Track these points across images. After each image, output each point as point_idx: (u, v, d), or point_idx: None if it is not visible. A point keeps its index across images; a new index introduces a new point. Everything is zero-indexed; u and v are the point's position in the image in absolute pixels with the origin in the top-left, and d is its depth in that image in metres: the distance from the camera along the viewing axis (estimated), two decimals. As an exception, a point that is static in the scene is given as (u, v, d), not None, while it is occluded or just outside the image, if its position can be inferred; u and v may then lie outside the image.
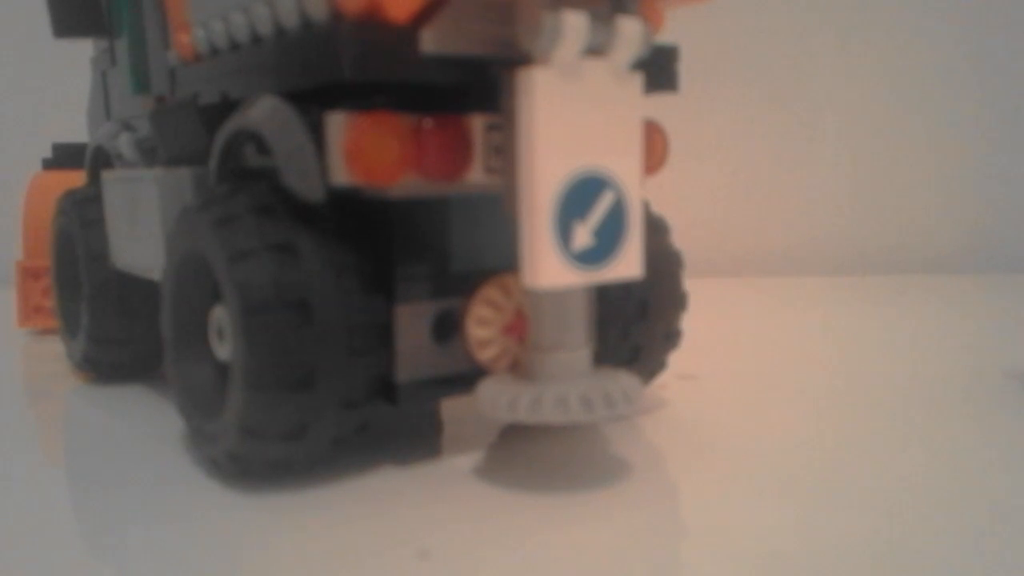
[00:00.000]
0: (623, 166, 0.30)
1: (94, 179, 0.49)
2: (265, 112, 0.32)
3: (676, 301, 0.40)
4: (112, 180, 0.44)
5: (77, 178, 0.54)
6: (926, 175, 0.96)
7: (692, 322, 0.42)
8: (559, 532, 0.28)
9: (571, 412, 0.30)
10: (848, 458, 0.35)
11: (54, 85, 0.84)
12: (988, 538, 0.27)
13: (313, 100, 0.31)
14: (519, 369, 0.32)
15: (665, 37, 0.34)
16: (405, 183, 0.30)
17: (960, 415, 0.40)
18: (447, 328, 0.33)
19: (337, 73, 0.28)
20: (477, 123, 0.30)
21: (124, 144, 0.45)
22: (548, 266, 0.28)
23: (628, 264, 0.30)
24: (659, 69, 0.34)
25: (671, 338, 0.40)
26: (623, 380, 0.32)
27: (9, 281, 0.67)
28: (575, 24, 0.27)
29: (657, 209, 0.41)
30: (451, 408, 0.40)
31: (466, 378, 0.33)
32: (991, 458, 0.35)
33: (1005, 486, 0.31)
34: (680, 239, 0.42)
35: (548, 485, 0.32)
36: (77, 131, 0.59)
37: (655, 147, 0.35)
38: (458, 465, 0.34)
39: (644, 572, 0.26)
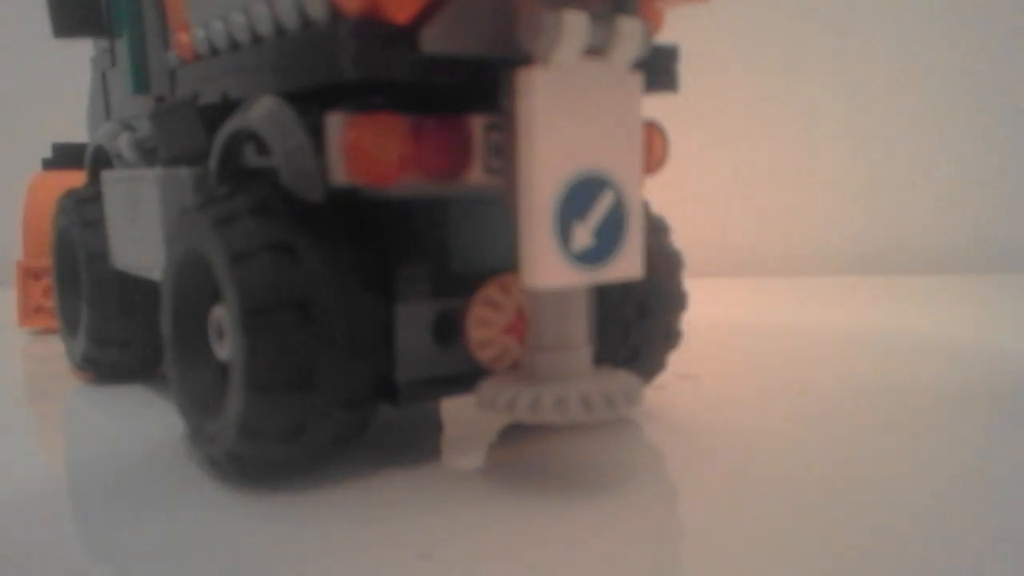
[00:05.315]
0: (623, 166, 0.30)
1: (94, 179, 0.49)
2: (265, 112, 0.32)
3: (676, 301, 0.40)
4: (112, 180, 0.44)
5: (77, 178, 0.54)
6: (927, 175, 0.96)
7: (692, 322, 0.42)
8: (559, 532, 0.28)
9: (571, 412, 0.30)
10: (848, 458, 0.35)
11: (54, 85, 0.84)
12: (989, 539, 0.27)
13: (313, 100, 0.31)
14: (519, 369, 0.32)
15: (665, 37, 0.34)
16: (405, 183, 0.30)
17: (961, 415, 0.40)
18: (447, 328, 0.33)
19: (337, 73, 0.28)
20: (477, 123, 0.30)
21: (124, 144, 0.45)
22: (548, 266, 0.28)
23: (628, 264, 0.30)
24: (659, 69, 0.34)
25: (671, 338, 0.40)
26: (623, 380, 0.32)
27: (9, 281, 0.67)
28: (575, 24, 0.27)
29: (657, 209, 0.41)
30: (451, 408, 0.40)
31: (466, 378, 0.33)
32: (993, 458, 0.35)
33: (1007, 487, 0.31)
34: (680, 239, 0.42)
35: (548, 485, 0.32)
36: (77, 131, 0.59)
37: (655, 147, 0.35)
38: (458, 466, 0.34)
39: (644, 572, 0.26)
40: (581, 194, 0.29)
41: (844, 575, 0.25)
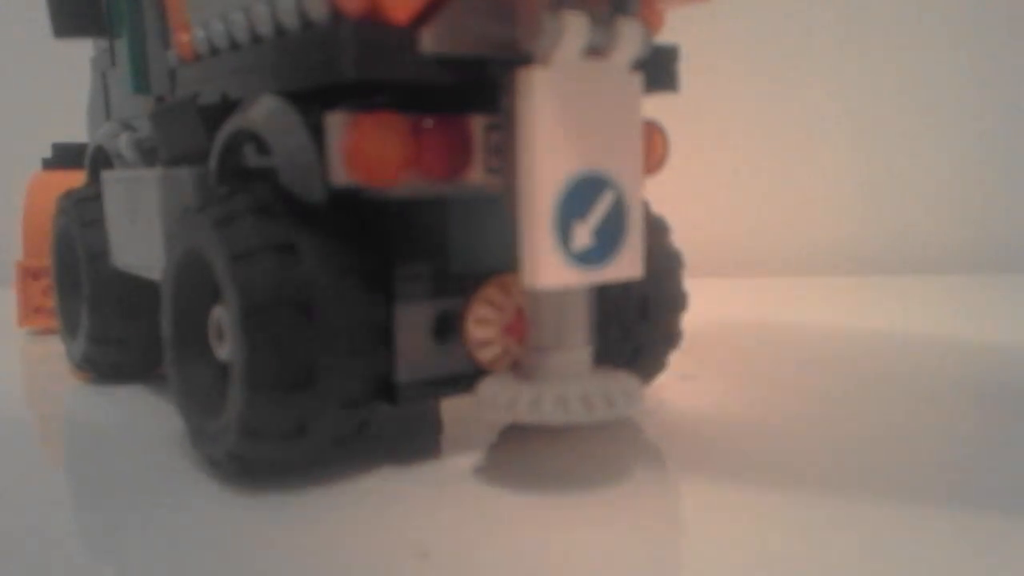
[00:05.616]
0: (623, 166, 0.30)
1: (94, 179, 0.49)
2: (265, 112, 0.32)
3: (676, 301, 0.40)
4: (112, 180, 0.44)
5: (77, 178, 0.54)
6: (927, 175, 0.96)
7: (692, 322, 0.42)
8: (559, 532, 0.28)
9: (571, 412, 0.30)
10: (848, 458, 0.35)
11: (54, 85, 0.84)
12: (987, 542, 0.27)
13: (313, 100, 0.31)
14: (519, 369, 0.32)
15: (665, 37, 0.34)
16: (405, 183, 0.30)
17: (960, 416, 0.40)
18: (447, 328, 0.33)
19: (337, 73, 0.28)
20: (477, 123, 0.30)
21: (124, 144, 0.45)
22: (548, 266, 0.28)
23: (628, 264, 0.30)
24: (659, 69, 0.34)
25: (671, 338, 0.40)
26: (623, 380, 0.32)
27: (9, 281, 0.67)
28: (575, 24, 0.27)
29: (657, 209, 0.41)
30: (451, 408, 0.40)
31: (466, 378, 0.33)
32: (991, 460, 0.35)
33: (1005, 489, 0.31)
34: (680, 239, 0.42)
35: (548, 485, 0.32)
36: (77, 131, 0.59)
37: (655, 147, 0.35)
38: (458, 465, 0.34)
39: (644, 572, 0.26)
40: (581, 194, 0.29)
41: (843, 574, 0.25)
